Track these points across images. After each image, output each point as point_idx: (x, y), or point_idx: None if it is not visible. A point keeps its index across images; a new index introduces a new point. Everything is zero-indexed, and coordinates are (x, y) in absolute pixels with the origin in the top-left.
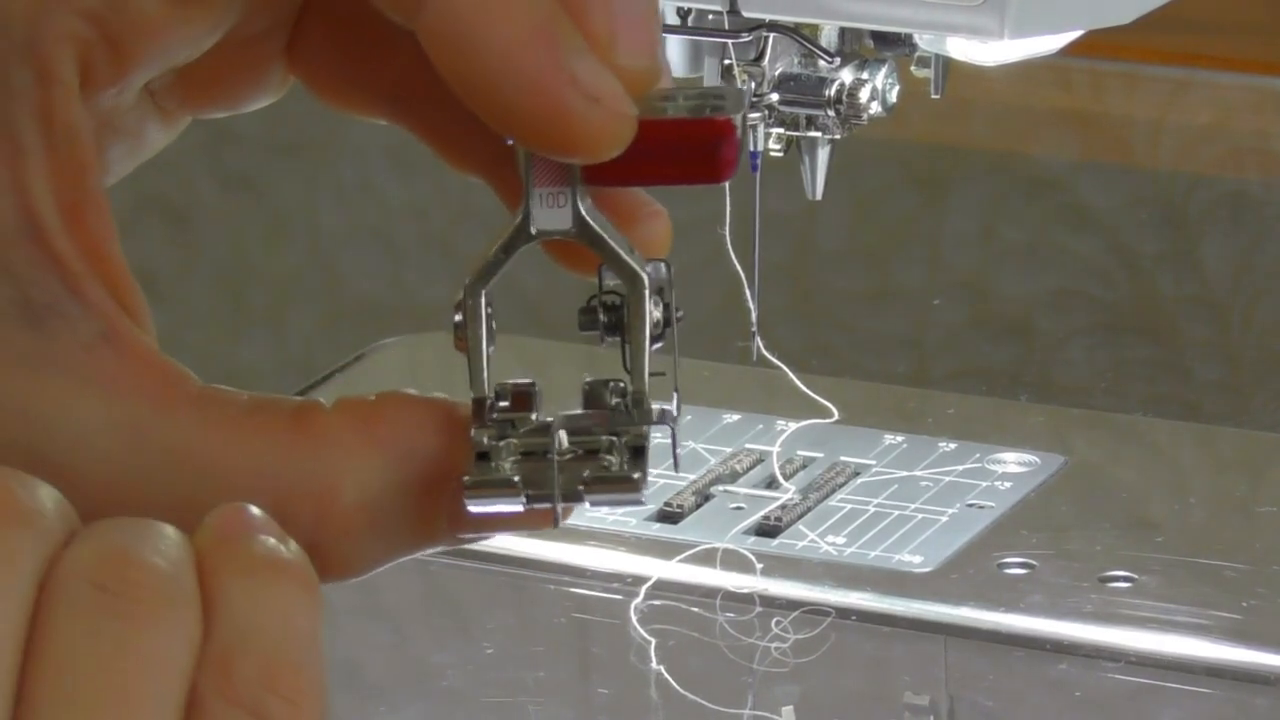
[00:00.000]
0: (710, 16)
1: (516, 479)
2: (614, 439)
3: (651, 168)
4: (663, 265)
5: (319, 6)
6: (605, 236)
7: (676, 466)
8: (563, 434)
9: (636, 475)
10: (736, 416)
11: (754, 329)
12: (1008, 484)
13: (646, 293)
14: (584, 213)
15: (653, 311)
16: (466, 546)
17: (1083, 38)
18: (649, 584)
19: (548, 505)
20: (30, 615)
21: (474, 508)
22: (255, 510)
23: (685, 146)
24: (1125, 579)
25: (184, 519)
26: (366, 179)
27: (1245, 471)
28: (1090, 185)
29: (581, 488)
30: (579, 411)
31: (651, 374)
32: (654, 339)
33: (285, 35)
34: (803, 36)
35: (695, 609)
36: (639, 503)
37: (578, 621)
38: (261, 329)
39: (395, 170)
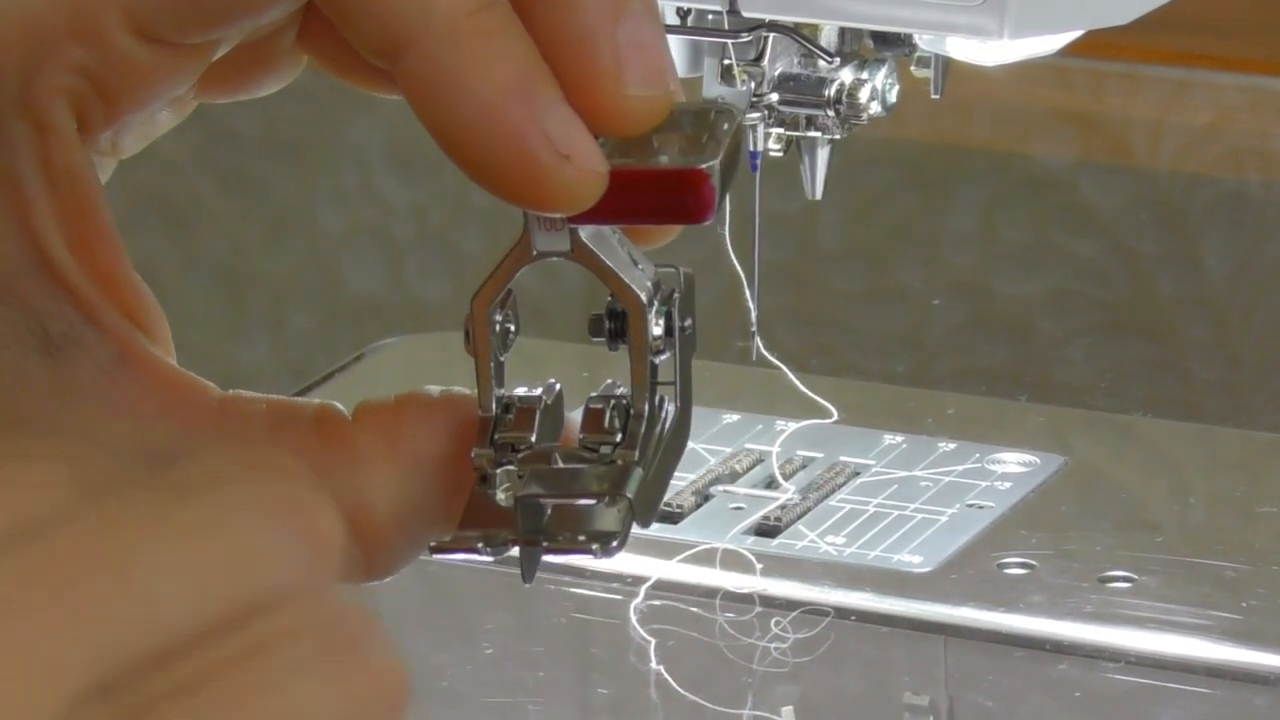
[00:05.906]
0: (710, 16)
1: (481, 544)
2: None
3: (630, 212)
4: (676, 271)
5: None
6: (603, 258)
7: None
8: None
9: (595, 547)
10: (736, 416)
11: (754, 329)
12: (1007, 484)
13: (647, 315)
14: (583, 237)
15: (653, 327)
16: None
17: (1082, 38)
18: (649, 584)
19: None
20: None
21: (439, 556)
22: None
23: (661, 194)
24: (1125, 579)
25: None
26: (366, 179)
27: (1245, 471)
28: (1090, 185)
29: (545, 544)
30: (566, 466)
31: (661, 384)
32: (656, 352)
33: (296, 26)
34: (802, 36)
35: (695, 609)
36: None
37: (577, 621)
38: (261, 329)
39: (395, 170)
